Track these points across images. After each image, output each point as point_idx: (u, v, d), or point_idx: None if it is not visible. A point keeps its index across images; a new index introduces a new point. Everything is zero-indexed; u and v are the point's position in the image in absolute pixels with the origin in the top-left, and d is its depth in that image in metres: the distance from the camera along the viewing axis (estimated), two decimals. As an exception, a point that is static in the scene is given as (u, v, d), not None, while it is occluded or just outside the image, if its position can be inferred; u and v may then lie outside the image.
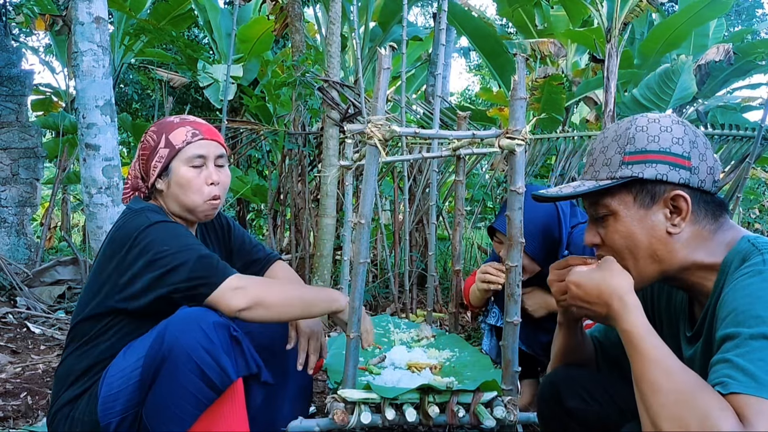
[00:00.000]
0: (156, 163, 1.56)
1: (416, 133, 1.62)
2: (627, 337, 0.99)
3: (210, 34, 7.58)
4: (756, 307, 0.90)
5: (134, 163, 1.64)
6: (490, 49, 7.06)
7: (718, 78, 7.46)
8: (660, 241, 1.07)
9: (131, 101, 9.46)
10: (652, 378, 0.91)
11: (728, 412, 0.82)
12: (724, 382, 0.85)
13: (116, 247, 1.47)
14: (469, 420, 1.58)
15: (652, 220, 1.07)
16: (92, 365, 1.48)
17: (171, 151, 1.55)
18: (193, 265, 1.42)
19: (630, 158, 1.08)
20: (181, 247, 1.44)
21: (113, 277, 1.47)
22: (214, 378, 1.33)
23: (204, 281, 1.43)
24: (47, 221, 5.33)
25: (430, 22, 13.34)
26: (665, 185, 1.06)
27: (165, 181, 1.57)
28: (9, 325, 3.41)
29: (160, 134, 1.57)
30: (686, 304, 1.18)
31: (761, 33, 13.41)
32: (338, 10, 3.57)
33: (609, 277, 1.06)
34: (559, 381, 1.33)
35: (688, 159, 1.06)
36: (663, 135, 1.07)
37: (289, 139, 4.30)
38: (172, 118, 1.61)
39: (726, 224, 1.10)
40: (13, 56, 5.52)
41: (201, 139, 1.56)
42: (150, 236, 1.44)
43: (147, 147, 1.58)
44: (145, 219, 1.48)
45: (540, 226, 2.06)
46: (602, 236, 1.13)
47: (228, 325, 1.39)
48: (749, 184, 6.56)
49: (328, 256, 3.57)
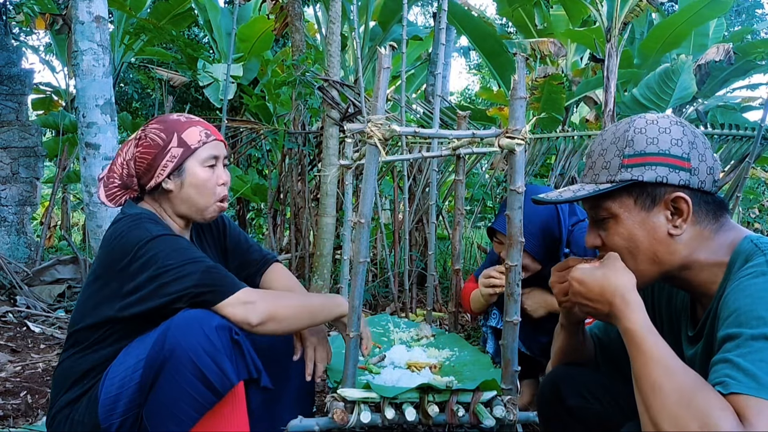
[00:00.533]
0: (167, 162, 1.53)
1: (416, 133, 1.62)
2: (629, 335, 0.98)
3: (210, 34, 7.58)
4: (758, 307, 0.90)
5: (125, 160, 1.57)
6: (490, 48, 7.06)
7: (718, 78, 7.46)
8: (661, 242, 1.07)
9: (131, 100, 9.47)
10: (653, 377, 0.91)
11: (728, 412, 0.82)
12: (724, 382, 0.85)
13: (116, 257, 1.44)
14: (468, 419, 1.58)
15: (653, 222, 1.07)
16: (92, 368, 1.47)
17: (186, 150, 1.53)
18: (200, 276, 1.41)
19: (629, 161, 1.08)
20: (186, 260, 1.42)
21: (113, 287, 1.45)
22: (215, 381, 1.33)
23: (210, 289, 1.42)
24: (47, 220, 5.33)
25: (430, 21, 13.33)
26: (665, 187, 1.06)
27: (176, 181, 1.54)
28: (9, 324, 3.42)
29: (170, 133, 1.54)
30: (688, 304, 1.18)
31: (761, 33, 13.41)
32: (338, 10, 3.57)
33: (612, 275, 1.05)
34: (560, 379, 1.33)
35: (688, 160, 1.06)
36: (662, 137, 1.07)
37: (289, 138, 4.30)
38: (174, 116, 1.59)
39: (727, 224, 1.10)
40: (13, 55, 5.52)
41: (214, 140, 1.57)
42: (153, 250, 1.41)
43: (153, 145, 1.53)
44: (145, 231, 1.44)
45: (540, 224, 2.07)
46: (603, 238, 1.13)
47: (230, 328, 1.38)
48: (749, 183, 6.56)
49: (327, 255, 3.57)
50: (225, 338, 1.36)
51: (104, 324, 1.47)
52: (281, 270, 1.82)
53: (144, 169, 1.55)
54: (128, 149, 1.58)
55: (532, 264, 2.09)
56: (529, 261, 2.07)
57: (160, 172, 1.53)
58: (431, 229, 2.87)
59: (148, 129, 1.56)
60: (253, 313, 1.42)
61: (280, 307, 1.49)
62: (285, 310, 1.49)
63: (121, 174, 1.58)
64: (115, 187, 1.58)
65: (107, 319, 1.46)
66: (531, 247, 2.04)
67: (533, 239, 2.05)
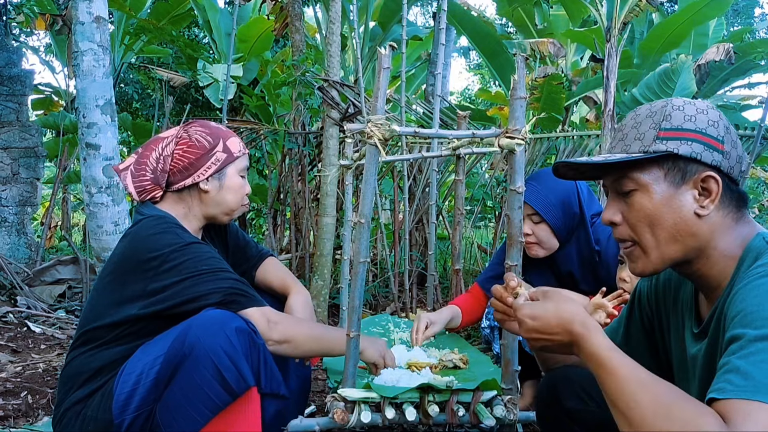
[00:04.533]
0: (211, 164, 1.62)
1: (416, 133, 1.63)
2: (594, 359, 0.97)
3: (210, 34, 7.58)
4: (764, 308, 0.89)
5: (162, 156, 1.62)
6: (489, 48, 7.06)
7: (718, 77, 7.46)
8: (685, 221, 1.05)
9: (131, 101, 9.47)
10: (627, 395, 0.89)
11: (709, 416, 0.81)
12: (722, 388, 0.84)
13: (143, 257, 1.48)
14: (468, 419, 1.58)
15: (680, 199, 1.05)
16: (106, 365, 1.47)
17: (229, 156, 1.64)
18: (232, 282, 1.51)
19: (665, 134, 1.06)
20: (219, 268, 1.52)
21: (135, 287, 1.48)
22: (231, 382, 1.35)
23: (239, 297, 1.50)
24: (48, 220, 5.33)
25: (430, 21, 13.33)
26: (698, 165, 1.04)
27: (215, 183, 1.63)
28: (9, 325, 3.42)
29: (216, 138, 1.64)
30: (692, 300, 1.16)
31: (760, 32, 13.41)
32: (338, 10, 3.57)
33: (564, 305, 1.04)
34: (558, 382, 1.33)
35: (722, 143, 1.05)
36: (699, 116, 1.06)
37: (289, 138, 4.30)
38: (214, 124, 1.69)
39: (746, 218, 1.09)
40: (13, 56, 5.52)
41: (246, 153, 1.71)
42: (186, 256, 1.48)
43: (198, 146, 1.61)
44: (177, 237, 1.51)
45: (560, 195, 2.04)
46: (624, 213, 1.10)
47: (249, 332, 1.41)
48: (749, 183, 6.57)
49: (328, 255, 3.57)
50: (244, 341, 1.38)
51: (122, 323, 1.48)
52: (275, 263, 1.90)
53: (182, 167, 1.61)
54: (165, 146, 1.62)
55: (549, 239, 2.07)
56: (546, 234, 2.05)
57: (202, 173, 1.61)
58: (431, 229, 2.88)
59: (192, 130, 1.63)
60: (275, 331, 1.51)
61: (299, 333, 1.58)
62: (303, 337, 1.59)
63: (155, 168, 1.62)
64: (146, 181, 1.63)
65: (126, 318, 1.48)
66: (552, 217, 2.02)
67: (554, 210, 2.02)
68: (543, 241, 2.08)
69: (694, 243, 1.06)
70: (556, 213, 2.04)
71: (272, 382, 1.45)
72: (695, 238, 1.06)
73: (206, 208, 1.65)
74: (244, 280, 1.57)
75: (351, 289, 1.60)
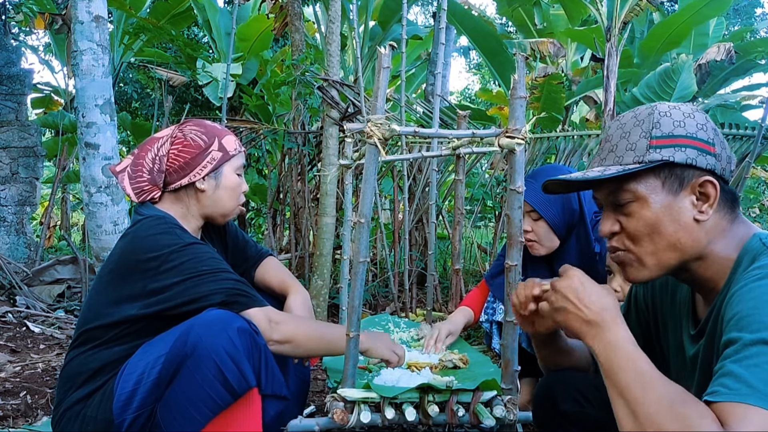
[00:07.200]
0: (207, 163, 1.61)
1: (416, 132, 1.62)
2: (612, 347, 0.96)
3: (209, 33, 7.57)
4: (760, 311, 0.89)
5: (158, 156, 1.61)
6: (489, 48, 7.05)
7: (718, 77, 7.46)
8: (685, 228, 1.04)
9: (131, 100, 9.47)
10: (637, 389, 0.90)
11: (708, 419, 0.82)
12: (717, 391, 0.85)
13: (142, 259, 1.47)
14: (468, 419, 1.58)
15: (679, 206, 1.04)
16: (105, 365, 1.47)
17: (224, 155, 1.63)
18: (234, 283, 1.51)
19: (658, 142, 1.05)
20: (220, 268, 1.51)
21: (135, 287, 1.47)
22: (233, 382, 1.34)
23: (240, 297, 1.50)
24: (47, 220, 5.33)
25: (430, 21, 13.32)
26: (694, 170, 1.04)
27: (211, 182, 1.63)
28: (8, 324, 3.41)
29: (212, 137, 1.63)
30: (689, 301, 1.16)
31: (760, 32, 13.41)
32: (338, 9, 3.57)
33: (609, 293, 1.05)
34: (554, 384, 1.32)
35: (713, 145, 1.05)
36: (687, 121, 1.05)
37: (288, 138, 4.29)
38: (209, 122, 1.68)
39: (740, 217, 1.08)
40: (12, 55, 5.52)
41: (242, 151, 1.70)
42: (187, 256, 1.48)
43: (194, 145, 1.60)
44: (178, 237, 1.51)
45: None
46: (623, 224, 1.09)
47: (251, 333, 1.41)
48: (749, 183, 6.57)
49: (327, 255, 3.57)
50: (246, 341, 1.38)
51: (121, 323, 1.48)
52: (274, 263, 1.90)
53: (177, 167, 1.60)
54: (160, 146, 1.62)
55: (549, 238, 2.05)
56: (546, 233, 2.05)
57: (198, 172, 1.61)
58: (431, 228, 2.87)
59: (187, 129, 1.63)
60: (277, 331, 1.51)
61: (301, 333, 1.58)
62: (305, 337, 1.58)
63: (151, 169, 1.61)
64: (144, 182, 1.62)
65: (125, 318, 1.47)
66: (549, 214, 2.02)
67: (553, 207, 2.01)
68: (542, 239, 2.08)
69: (694, 249, 1.06)
70: (555, 209, 2.03)
71: (273, 382, 1.45)
72: (695, 244, 1.05)
73: (203, 207, 1.65)
74: (244, 280, 1.56)
75: (351, 289, 1.59)
